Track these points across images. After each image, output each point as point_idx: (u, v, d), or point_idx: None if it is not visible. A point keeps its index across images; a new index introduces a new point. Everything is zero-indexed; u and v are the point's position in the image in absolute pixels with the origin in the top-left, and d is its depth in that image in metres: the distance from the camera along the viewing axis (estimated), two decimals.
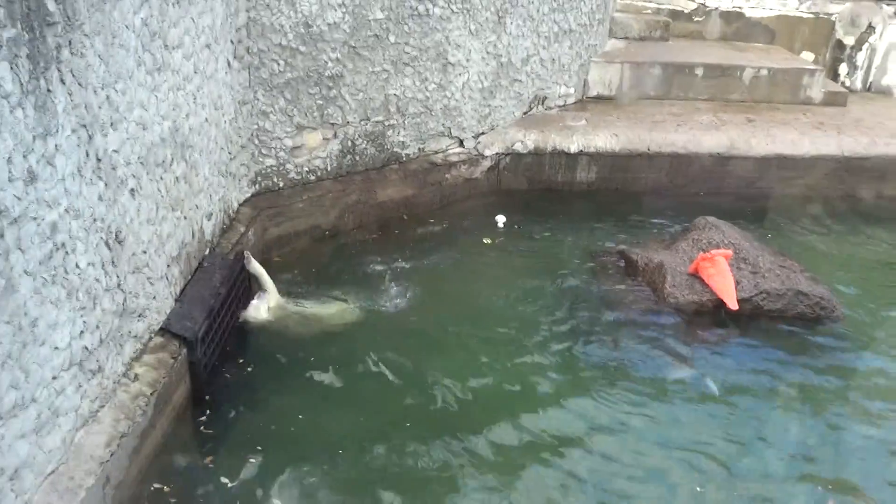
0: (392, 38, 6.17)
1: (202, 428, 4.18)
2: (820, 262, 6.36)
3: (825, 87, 8.70)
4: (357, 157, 6.46)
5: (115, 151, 3.53)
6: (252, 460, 3.96)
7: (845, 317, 5.52)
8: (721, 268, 5.49)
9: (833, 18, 9.50)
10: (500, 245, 6.45)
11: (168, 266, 4.24)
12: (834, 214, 7.36)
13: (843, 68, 9.55)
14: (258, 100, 5.65)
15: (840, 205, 7.56)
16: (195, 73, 4.57)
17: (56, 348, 3.10)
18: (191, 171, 4.55)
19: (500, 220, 6.86)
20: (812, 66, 8.78)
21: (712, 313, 5.46)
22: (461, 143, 7.19)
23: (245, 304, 5.05)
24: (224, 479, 3.83)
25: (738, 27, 9.66)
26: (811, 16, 9.58)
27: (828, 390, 4.82)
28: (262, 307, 5.05)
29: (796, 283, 5.53)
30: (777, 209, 7.40)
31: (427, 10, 6.27)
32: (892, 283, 6.21)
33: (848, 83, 9.53)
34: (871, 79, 9.58)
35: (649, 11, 9.61)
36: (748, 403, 4.66)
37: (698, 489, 3.99)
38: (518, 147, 7.32)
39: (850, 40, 9.46)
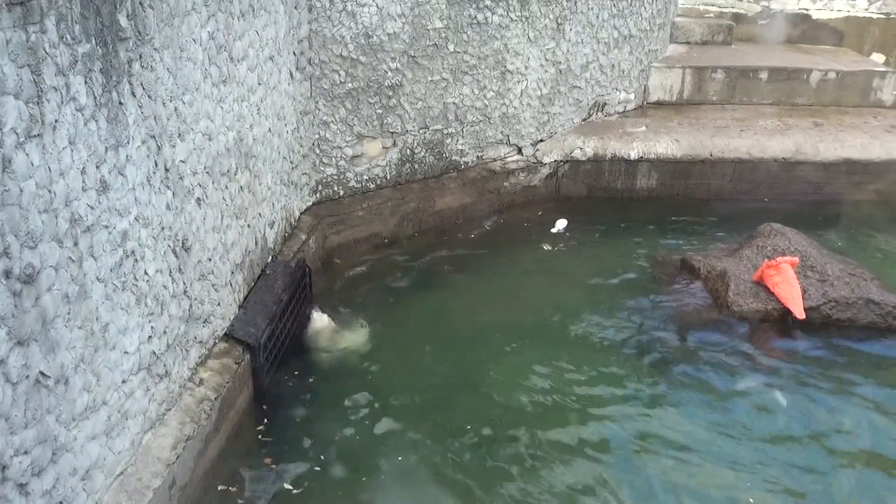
0: (451, 47, 6.19)
1: (263, 433, 4.24)
2: (892, 269, 6.12)
3: None
4: (416, 166, 6.49)
5: (182, 161, 3.62)
6: (312, 468, 3.99)
7: None
8: (787, 275, 5.34)
9: None
10: (560, 252, 6.40)
11: (232, 273, 4.32)
12: None
13: None
14: (319, 110, 5.73)
15: None
16: (259, 84, 4.66)
17: (126, 353, 3.19)
18: (254, 180, 4.64)
19: (562, 224, 6.82)
20: (883, 69, 8.50)
21: (778, 322, 5.32)
22: (519, 151, 7.17)
23: (306, 312, 5.11)
24: (286, 485, 3.87)
25: (804, 29, 9.41)
26: (882, 16, 9.27)
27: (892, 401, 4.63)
28: (324, 318, 5.10)
29: (866, 291, 5.35)
30: (846, 215, 7.17)
31: (486, 18, 6.28)
32: None
33: None
34: None
35: (711, 15, 9.45)
36: (816, 416, 4.51)
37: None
38: (577, 154, 7.26)
39: None
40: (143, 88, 3.24)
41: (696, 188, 7.43)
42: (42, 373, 2.63)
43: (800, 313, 5.20)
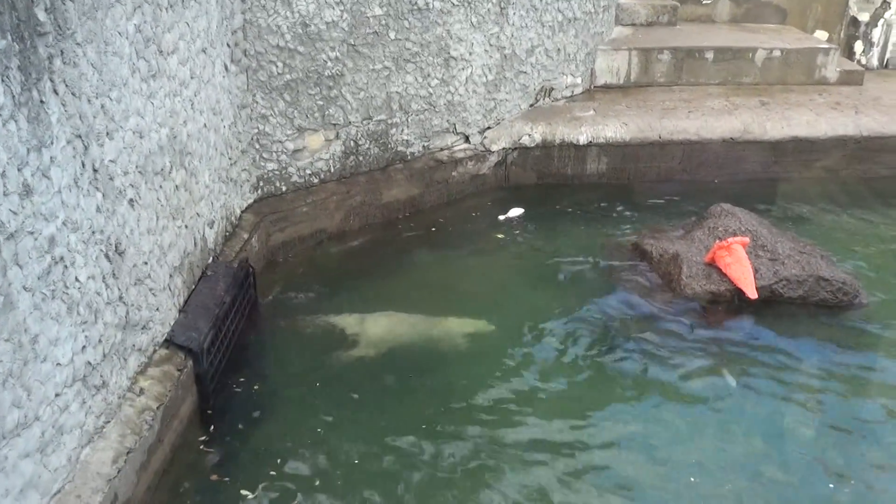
0: (392, 35, 6.16)
1: (210, 441, 4.18)
2: (841, 246, 6.29)
3: (840, 66, 8.62)
4: (360, 158, 6.46)
5: (111, 161, 3.54)
6: (262, 474, 3.95)
7: (869, 302, 5.46)
8: (738, 256, 5.45)
9: None
10: (511, 241, 6.43)
11: (170, 276, 4.25)
12: (853, 196, 7.29)
13: (858, 46, 9.46)
14: (257, 103, 5.66)
15: (859, 186, 7.49)
16: (192, 78, 4.58)
17: (58, 364, 3.11)
18: (191, 178, 4.57)
19: (516, 211, 6.85)
20: (826, 45, 8.70)
21: (730, 303, 5.43)
22: (467, 139, 7.18)
23: (251, 313, 5.06)
24: (234, 494, 3.83)
25: (749, 8, 9.58)
26: None
27: (851, 380, 4.76)
28: None
29: (817, 268, 5.49)
30: (795, 193, 7.34)
31: (427, 4, 6.26)
32: None
33: (864, 61, 9.43)
34: (887, 55, 9.48)
35: None
36: (767, 396, 4.62)
37: (714, 482, 3.96)
38: (525, 141, 7.29)
39: (864, 16, 9.37)
40: (66, 85, 3.16)
41: (647, 171, 7.53)
42: None
43: (752, 293, 5.31)
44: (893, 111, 7.85)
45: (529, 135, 7.30)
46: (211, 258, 4.98)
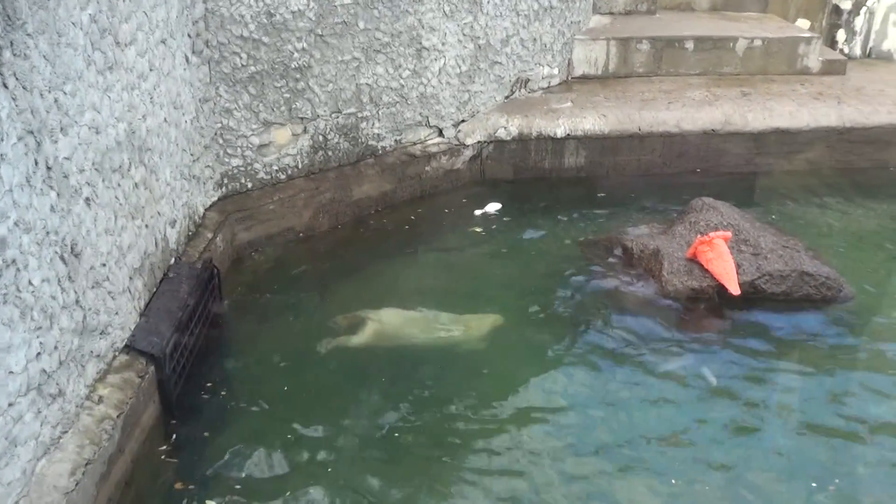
0: (361, 24, 6.14)
1: (173, 451, 4.14)
2: (825, 239, 6.38)
3: (823, 56, 8.73)
4: (330, 153, 6.43)
5: (66, 158, 3.49)
6: (227, 484, 3.92)
7: (854, 297, 5.53)
8: (720, 251, 5.49)
9: None
10: (488, 237, 6.45)
11: (130, 279, 4.21)
12: (836, 189, 7.38)
13: (840, 35, 9.57)
14: (220, 96, 5.61)
15: (843, 178, 7.58)
16: (150, 70, 4.54)
17: (11, 373, 3.06)
18: (150, 175, 4.52)
19: (493, 207, 6.87)
20: (808, 34, 8.81)
21: (713, 299, 5.47)
22: (440, 133, 7.18)
23: (216, 316, 5.02)
24: None
25: None
26: None
27: (835, 378, 4.81)
28: None
29: (800, 263, 5.55)
30: (777, 186, 7.42)
31: None
32: None
33: (846, 50, 9.54)
34: (870, 44, 9.61)
35: None
36: (749, 394, 4.66)
37: (694, 484, 4.00)
38: (501, 134, 7.30)
39: (847, 4, 9.48)
40: (17, 79, 3.11)
41: (626, 164, 7.57)
42: None
43: (735, 289, 5.36)
44: (876, 101, 7.96)
45: (505, 128, 7.31)
46: (173, 259, 4.93)
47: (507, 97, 7.75)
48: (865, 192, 7.33)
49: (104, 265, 3.86)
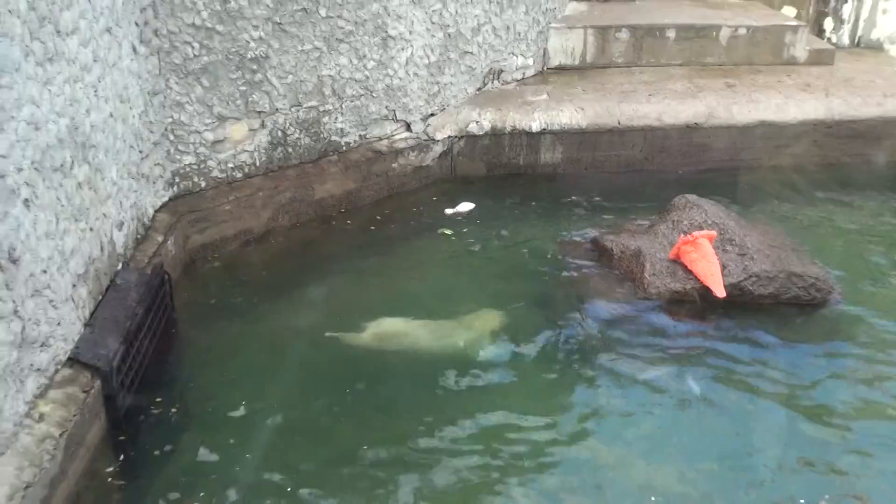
0: (323, 12, 6.12)
1: (121, 471, 4.09)
2: (814, 238, 6.45)
3: (810, 45, 8.85)
4: (289, 149, 6.41)
5: (2, 157, 3.45)
6: None
7: (845, 299, 5.60)
8: (705, 251, 5.54)
9: None
10: (459, 238, 6.45)
11: (74, 286, 4.15)
12: (826, 185, 7.47)
13: (828, 23, 9.71)
14: (171, 89, 5.57)
15: (832, 174, 7.68)
16: (95, 61, 4.50)
17: None
18: (95, 174, 4.47)
19: (466, 206, 6.88)
20: (795, 23, 8.92)
21: (697, 302, 5.52)
22: (408, 128, 7.17)
23: (168, 325, 4.98)
24: None
25: None
26: None
27: (825, 386, 4.86)
28: None
29: (788, 263, 5.61)
30: (764, 182, 7.50)
31: None
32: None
33: (834, 39, 9.68)
34: (859, 33, 9.75)
35: None
36: (734, 403, 4.69)
37: (673, 498, 4.03)
38: (473, 128, 7.32)
39: None
40: None
41: (605, 160, 7.62)
42: None
43: (720, 291, 5.41)
44: (866, 93, 8.08)
45: (477, 122, 7.32)
46: (120, 264, 4.88)
47: (478, 89, 7.76)
48: (855, 188, 7.43)
49: (45, 272, 3.81)
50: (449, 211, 6.83)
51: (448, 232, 6.53)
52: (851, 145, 7.91)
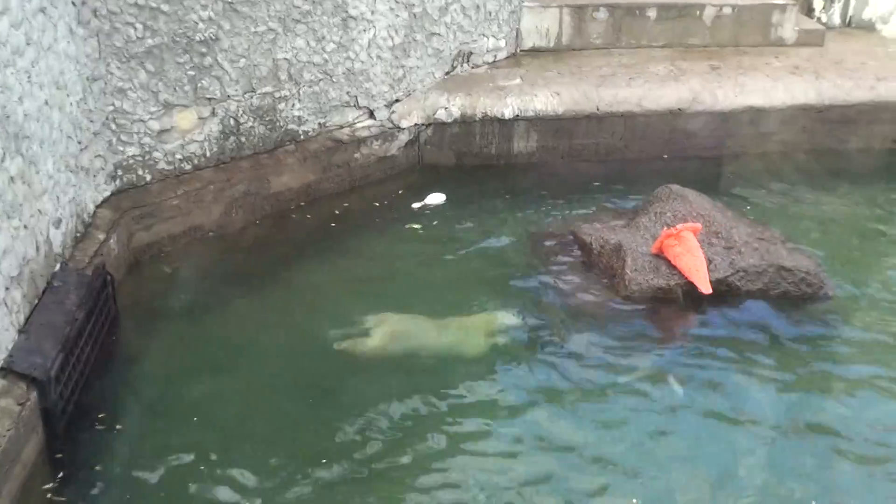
0: None
1: (60, 489, 4.04)
2: (804, 230, 6.52)
3: (799, 25, 8.91)
4: (243, 139, 6.36)
5: None
6: None
7: (835, 293, 5.65)
8: (689, 245, 5.56)
9: None
10: (428, 233, 6.45)
11: (7, 289, 4.10)
12: (816, 173, 7.55)
13: (818, 2, 9.78)
14: (112, 74, 5.50)
15: (822, 161, 7.76)
16: (28, 44, 4.44)
17: None
18: (29, 167, 4.41)
19: (436, 199, 6.88)
20: (783, 1, 8.97)
21: (681, 300, 5.54)
22: (371, 115, 7.14)
23: (111, 331, 4.92)
24: None
25: None
26: None
27: (816, 387, 4.91)
28: None
29: (777, 257, 5.65)
30: (751, 170, 7.56)
31: None
32: (891, 252, 6.38)
33: (824, 19, 9.76)
34: (850, 13, 9.83)
35: None
36: (720, 405, 4.73)
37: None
38: (441, 115, 7.30)
39: None
40: None
41: (583, 149, 7.63)
42: None
43: (706, 287, 5.43)
44: (858, 76, 8.16)
45: (446, 108, 7.31)
46: (58, 265, 4.82)
47: (447, 73, 7.74)
48: (846, 175, 7.51)
49: None
50: (416, 204, 6.81)
51: (416, 226, 6.51)
52: (842, 131, 7.98)
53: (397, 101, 7.26)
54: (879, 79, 8.11)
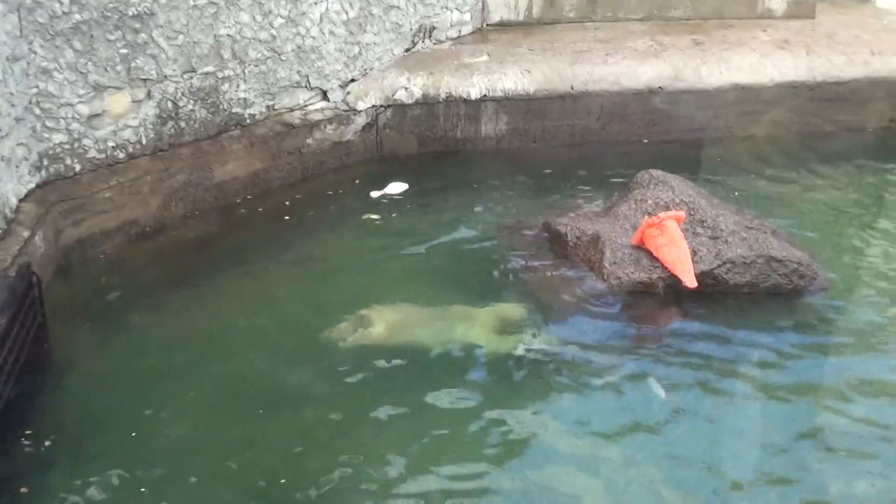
0: None
1: None
2: (795, 218, 6.58)
3: None
4: (182, 124, 6.32)
5: None
6: None
7: (829, 285, 5.70)
8: (672, 235, 5.58)
9: None
10: (388, 225, 6.45)
11: None
12: (807, 156, 7.63)
13: None
14: (35, 53, 5.43)
15: (814, 143, 7.86)
16: None
17: None
18: None
19: (397, 188, 6.89)
20: None
21: (665, 294, 5.57)
22: (325, 96, 7.13)
23: (37, 338, 4.85)
24: None
25: None
26: None
27: (808, 388, 4.94)
28: None
29: (767, 247, 5.69)
30: (738, 154, 7.62)
31: None
32: (888, 239, 6.45)
33: None
34: None
35: None
36: (704, 409, 4.74)
37: None
38: (401, 96, 7.28)
39: None
40: None
41: (557, 131, 7.66)
42: None
43: (690, 281, 5.46)
44: (851, 50, 8.26)
45: (406, 88, 7.30)
46: None
47: (407, 50, 7.73)
48: (840, 157, 7.60)
49: None
50: (375, 194, 6.80)
51: (374, 217, 6.50)
52: (836, 110, 8.06)
53: (353, 80, 7.25)
54: (874, 53, 8.21)
